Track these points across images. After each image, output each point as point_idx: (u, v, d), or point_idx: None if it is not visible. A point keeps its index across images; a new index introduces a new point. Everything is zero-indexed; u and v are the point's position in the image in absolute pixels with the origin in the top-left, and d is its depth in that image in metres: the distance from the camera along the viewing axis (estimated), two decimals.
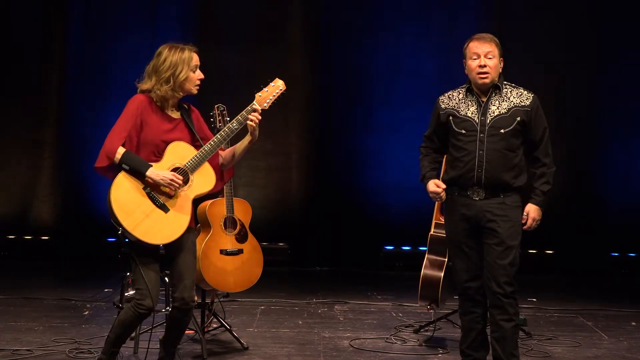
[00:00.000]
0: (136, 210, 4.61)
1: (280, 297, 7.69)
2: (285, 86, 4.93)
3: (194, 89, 4.79)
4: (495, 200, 4.91)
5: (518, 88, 5.03)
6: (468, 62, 5.00)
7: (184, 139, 4.78)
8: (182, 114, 4.83)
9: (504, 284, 4.90)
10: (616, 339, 6.48)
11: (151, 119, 4.71)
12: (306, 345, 6.12)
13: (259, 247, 5.95)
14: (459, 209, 4.99)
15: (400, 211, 9.12)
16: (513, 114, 4.93)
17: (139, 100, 4.73)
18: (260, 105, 4.84)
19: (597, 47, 9.15)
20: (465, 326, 5.12)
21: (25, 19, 9.24)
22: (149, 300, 4.67)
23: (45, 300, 7.37)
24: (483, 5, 9.14)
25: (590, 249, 9.17)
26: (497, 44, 4.98)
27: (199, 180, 4.76)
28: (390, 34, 9.24)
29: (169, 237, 4.67)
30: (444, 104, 5.09)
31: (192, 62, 4.74)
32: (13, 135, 9.36)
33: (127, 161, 4.61)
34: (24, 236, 9.44)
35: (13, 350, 5.68)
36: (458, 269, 5.07)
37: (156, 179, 4.63)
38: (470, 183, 4.92)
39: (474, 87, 5.01)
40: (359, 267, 9.25)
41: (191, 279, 4.79)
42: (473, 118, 4.96)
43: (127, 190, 4.63)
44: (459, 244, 5.02)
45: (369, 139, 9.33)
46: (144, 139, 4.70)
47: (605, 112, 9.19)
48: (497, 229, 4.89)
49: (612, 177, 9.21)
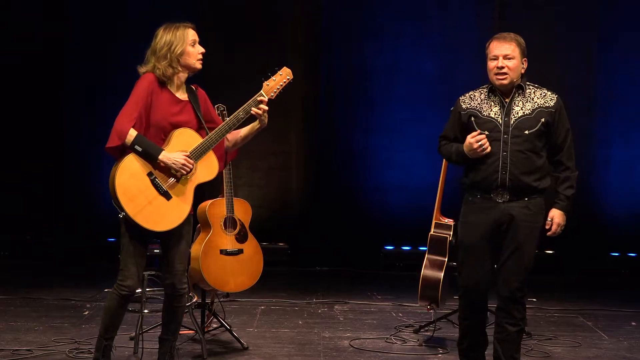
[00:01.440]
0: (139, 196, 4.61)
1: (280, 297, 7.69)
2: (292, 75, 4.92)
3: (197, 63, 4.77)
4: (519, 204, 4.81)
5: (541, 89, 4.93)
6: (488, 62, 4.88)
7: (190, 122, 4.77)
8: (189, 96, 4.82)
9: (515, 289, 4.85)
10: (616, 339, 6.48)
11: (159, 100, 4.70)
12: (306, 345, 6.12)
13: (259, 247, 5.95)
14: (480, 213, 4.86)
15: (400, 211, 9.12)
16: (537, 115, 4.83)
17: (149, 80, 4.70)
18: (267, 95, 4.84)
19: (597, 47, 9.15)
20: (464, 329, 5.05)
21: (25, 19, 9.24)
22: (130, 281, 4.69)
23: (45, 300, 7.37)
24: (483, 5, 9.13)
25: (590, 249, 9.18)
26: (519, 44, 4.87)
27: (202, 169, 4.75)
28: (390, 34, 9.23)
29: (169, 225, 4.67)
30: (465, 104, 4.95)
31: (187, 37, 4.74)
32: (13, 135, 9.35)
33: (139, 143, 4.60)
34: (24, 236, 9.43)
35: (13, 350, 5.68)
36: (466, 273, 4.92)
37: (168, 163, 4.63)
38: (494, 185, 4.81)
39: (496, 87, 4.90)
40: (359, 267, 9.25)
41: (182, 267, 4.80)
42: (496, 119, 4.84)
43: (132, 175, 4.62)
44: (473, 248, 4.88)
45: (369, 139, 9.33)
46: (152, 121, 4.68)
47: (605, 112, 9.19)
48: (518, 234, 4.81)
49: (612, 177, 9.21)
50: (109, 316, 4.79)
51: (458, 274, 5.05)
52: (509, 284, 4.85)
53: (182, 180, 4.70)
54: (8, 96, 9.28)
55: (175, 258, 4.78)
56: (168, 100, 4.72)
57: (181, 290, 4.82)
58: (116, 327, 4.84)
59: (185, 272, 4.85)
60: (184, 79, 4.80)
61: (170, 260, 4.78)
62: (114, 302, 4.75)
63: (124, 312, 4.83)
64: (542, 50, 9.06)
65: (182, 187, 4.71)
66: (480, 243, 4.86)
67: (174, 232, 4.74)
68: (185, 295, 4.88)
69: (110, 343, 4.83)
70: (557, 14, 9.11)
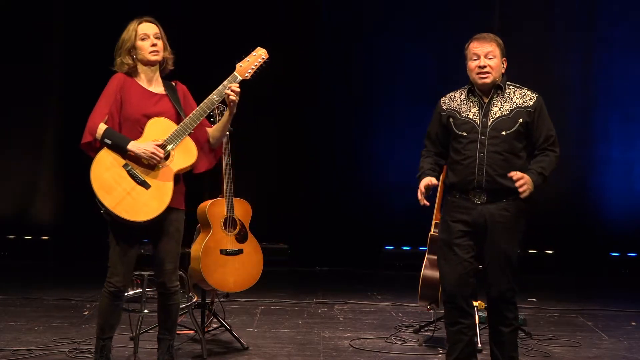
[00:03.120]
0: (117, 188, 4.63)
1: (280, 297, 7.69)
2: (267, 55, 4.88)
3: (149, 55, 4.79)
4: (497, 205, 4.75)
5: (522, 88, 4.88)
6: (468, 62, 4.85)
7: (166, 114, 4.77)
8: (166, 90, 4.84)
9: (505, 290, 4.80)
10: (616, 339, 6.48)
11: (130, 95, 4.75)
12: (306, 345, 6.12)
13: (259, 247, 5.95)
14: (458, 212, 4.82)
15: (400, 211, 9.12)
16: (515, 115, 4.77)
17: (117, 78, 4.80)
18: (241, 76, 4.83)
19: (597, 47, 9.15)
20: (452, 338, 4.90)
21: (24, 19, 9.24)
22: (116, 278, 4.72)
23: (45, 300, 7.37)
24: (483, 5, 9.14)
25: (590, 249, 9.18)
26: (499, 44, 4.84)
27: (180, 155, 4.74)
28: (390, 35, 9.24)
29: (151, 214, 4.65)
30: (445, 104, 4.94)
31: (138, 32, 4.79)
32: (13, 135, 9.36)
33: (108, 137, 4.64)
34: (24, 236, 9.44)
35: (13, 350, 5.68)
36: (446, 274, 4.84)
37: (137, 152, 4.64)
38: (471, 187, 4.77)
39: (475, 88, 4.87)
40: (359, 267, 9.25)
41: (173, 265, 4.81)
42: (474, 120, 4.81)
43: (107, 168, 4.65)
44: (451, 246, 4.81)
45: (369, 138, 9.33)
46: (125, 115, 4.73)
47: (605, 112, 9.19)
48: (496, 236, 4.75)
49: (612, 177, 9.21)
50: (102, 315, 4.82)
51: (440, 277, 4.95)
52: (497, 285, 4.81)
53: (160, 169, 4.69)
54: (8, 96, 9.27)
55: (165, 257, 4.79)
56: (140, 94, 4.76)
57: (172, 289, 4.84)
58: (112, 327, 4.85)
59: (176, 270, 4.85)
60: (152, 73, 4.83)
61: (161, 259, 4.80)
62: (104, 301, 4.79)
63: (117, 310, 4.83)
64: (542, 50, 9.09)
65: (161, 175, 4.70)
66: (458, 241, 4.80)
67: (160, 229, 4.74)
68: (177, 293, 4.89)
69: (108, 343, 4.84)
70: (556, 13, 9.11)
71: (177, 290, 4.88)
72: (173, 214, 4.77)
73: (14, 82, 9.29)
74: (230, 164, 5.85)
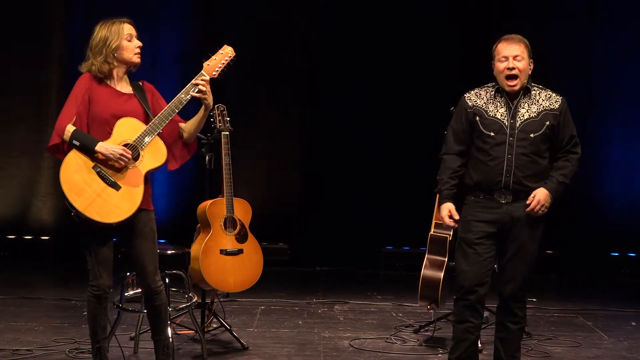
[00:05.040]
0: (87, 190, 4.60)
1: (280, 297, 7.69)
2: (234, 52, 4.86)
3: (134, 57, 4.77)
4: (521, 204, 4.77)
5: (546, 90, 4.88)
6: (496, 63, 4.82)
7: (135, 113, 4.74)
8: (134, 90, 4.81)
9: (518, 288, 4.84)
10: (616, 339, 6.48)
11: (98, 95, 4.71)
12: (306, 345, 6.12)
13: (259, 247, 5.94)
14: (482, 212, 4.80)
15: (400, 211, 9.11)
16: (542, 118, 4.77)
17: (84, 79, 4.76)
18: (209, 74, 4.81)
19: (597, 47, 9.15)
20: (458, 336, 4.90)
21: (24, 18, 9.24)
22: (97, 280, 4.72)
23: (45, 300, 7.38)
24: (482, 5, 9.14)
25: (590, 249, 9.17)
26: (527, 45, 4.82)
27: (149, 156, 4.71)
28: (390, 34, 9.24)
29: (122, 215, 4.63)
30: (471, 101, 4.87)
31: (122, 32, 4.75)
32: (13, 135, 9.36)
33: (76, 138, 4.60)
34: (24, 236, 9.43)
35: (13, 350, 5.68)
36: (465, 272, 4.83)
37: (106, 154, 4.61)
38: (497, 187, 4.76)
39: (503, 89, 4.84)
40: (359, 267, 9.25)
41: (153, 265, 4.78)
42: (502, 120, 4.77)
43: (76, 170, 4.62)
44: (472, 245, 4.80)
45: (369, 138, 9.31)
46: (93, 115, 4.69)
47: (605, 112, 9.19)
48: (520, 234, 4.78)
49: (612, 177, 9.21)
50: (92, 320, 4.80)
51: (457, 275, 4.95)
52: (513, 282, 4.84)
53: (129, 170, 4.66)
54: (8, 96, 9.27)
55: (145, 259, 4.76)
56: (108, 94, 4.73)
57: (157, 289, 4.81)
58: (104, 329, 4.83)
59: (157, 270, 4.81)
60: (123, 73, 4.80)
61: (141, 262, 4.77)
62: (91, 305, 4.77)
63: (104, 312, 4.81)
64: (541, 50, 9.08)
65: (131, 176, 4.66)
66: (480, 240, 4.80)
67: (134, 231, 4.72)
68: (162, 292, 4.85)
69: (102, 345, 4.82)
70: (556, 13, 9.11)
71: (162, 290, 4.85)
72: (144, 215, 4.74)
73: (13, 82, 9.28)
74: (230, 164, 5.85)
